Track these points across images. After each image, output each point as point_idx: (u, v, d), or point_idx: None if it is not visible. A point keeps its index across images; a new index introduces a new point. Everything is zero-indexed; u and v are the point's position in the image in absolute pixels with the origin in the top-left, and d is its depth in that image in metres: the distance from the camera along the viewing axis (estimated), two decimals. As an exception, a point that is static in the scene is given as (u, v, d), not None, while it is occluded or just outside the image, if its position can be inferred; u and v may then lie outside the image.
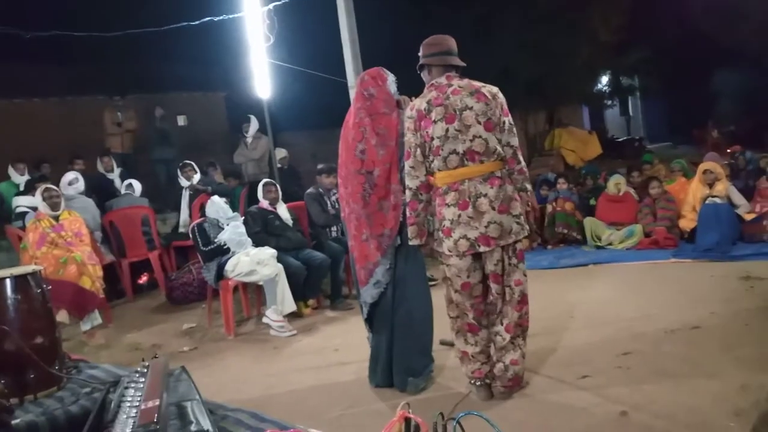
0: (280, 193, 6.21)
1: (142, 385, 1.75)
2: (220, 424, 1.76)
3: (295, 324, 5.38)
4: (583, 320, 4.66)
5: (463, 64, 3.42)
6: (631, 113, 24.65)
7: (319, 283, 5.95)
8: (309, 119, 13.19)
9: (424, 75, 3.49)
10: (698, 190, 6.93)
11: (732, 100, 17.39)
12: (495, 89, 3.36)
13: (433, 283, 5.29)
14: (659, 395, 3.23)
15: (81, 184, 7.24)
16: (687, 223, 6.89)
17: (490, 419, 1.45)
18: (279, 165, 8.82)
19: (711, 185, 6.83)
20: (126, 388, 1.79)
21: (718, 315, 4.37)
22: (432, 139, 3.31)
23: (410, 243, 3.48)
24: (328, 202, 6.19)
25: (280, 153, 9.36)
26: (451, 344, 3.77)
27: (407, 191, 3.43)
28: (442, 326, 3.74)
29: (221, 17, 7.84)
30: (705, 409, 3.00)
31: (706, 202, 6.67)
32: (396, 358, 3.65)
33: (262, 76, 7.68)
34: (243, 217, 5.95)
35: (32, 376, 2.18)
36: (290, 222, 6.10)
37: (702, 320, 4.27)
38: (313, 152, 11.91)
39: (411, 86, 3.84)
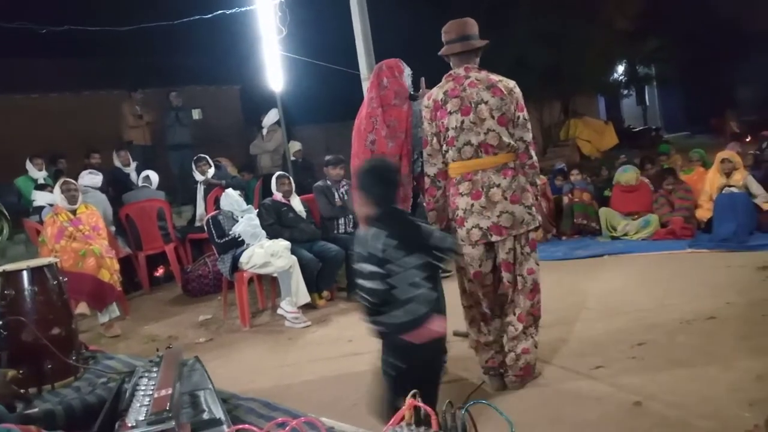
0: (293, 185, 6.24)
1: (155, 375, 1.78)
2: (232, 412, 1.79)
3: (310, 315, 5.41)
4: (597, 311, 4.64)
5: (481, 43, 3.40)
6: (647, 102, 24.39)
7: (333, 275, 5.97)
8: (322, 112, 13.21)
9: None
10: (715, 179, 6.85)
11: (751, 88, 17.13)
12: (512, 84, 3.36)
13: (446, 274, 5.29)
14: (673, 385, 3.21)
15: (99, 179, 7.32)
16: (703, 213, 6.82)
17: (497, 407, 1.45)
18: (293, 158, 8.85)
19: (728, 174, 6.74)
20: (140, 377, 1.82)
21: (734, 305, 4.33)
22: (447, 129, 3.32)
23: None
24: (336, 194, 6.20)
25: (294, 146, 9.39)
26: (464, 335, 3.78)
27: (426, 178, 3.46)
28: (457, 317, 3.74)
29: (233, 10, 7.86)
30: (720, 400, 2.99)
31: (723, 191, 6.59)
32: (409, 349, 3.66)
33: (275, 68, 7.68)
34: (257, 210, 5.99)
35: (50, 366, 2.22)
36: (303, 214, 6.13)
37: (718, 310, 4.24)
38: (327, 145, 11.92)
39: (426, 77, 3.83)
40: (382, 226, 2.44)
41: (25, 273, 2.27)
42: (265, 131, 9.50)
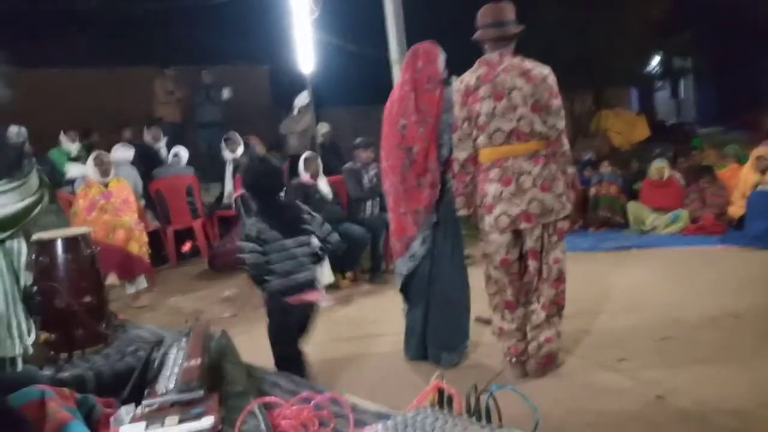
0: (321, 167, 6.26)
1: (184, 345, 1.82)
2: (258, 385, 1.82)
3: (333, 295, 5.43)
4: (623, 303, 4.60)
5: (517, 29, 3.36)
6: (682, 96, 23.90)
7: (357, 257, 6.00)
8: (351, 95, 13.18)
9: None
10: (749, 176, 6.72)
11: (790, 83, 16.66)
12: (546, 71, 3.31)
13: (469, 260, 5.29)
14: (697, 381, 3.19)
15: (131, 153, 7.43)
16: (736, 209, 6.71)
17: (523, 393, 1.46)
18: (321, 140, 8.86)
19: (763, 172, 6.61)
20: (170, 347, 1.86)
21: (761, 304, 4.26)
22: (478, 115, 3.30)
23: (458, 213, 3.52)
24: (365, 177, 6.21)
25: (323, 128, 9.39)
26: (487, 321, 3.78)
27: (455, 163, 3.45)
28: (480, 303, 3.75)
29: (267, -11, 7.85)
30: (742, 397, 2.96)
31: (757, 188, 6.47)
32: (431, 333, 3.69)
33: (306, 50, 7.67)
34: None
35: (81, 332, 2.28)
36: (330, 196, 6.15)
37: (744, 308, 4.18)
38: (355, 128, 11.90)
39: (457, 62, 3.81)
40: (259, 215, 3.08)
41: (59, 242, 2.32)
42: (296, 111, 9.51)
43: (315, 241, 3.18)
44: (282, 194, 3.28)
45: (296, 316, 3.16)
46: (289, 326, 3.17)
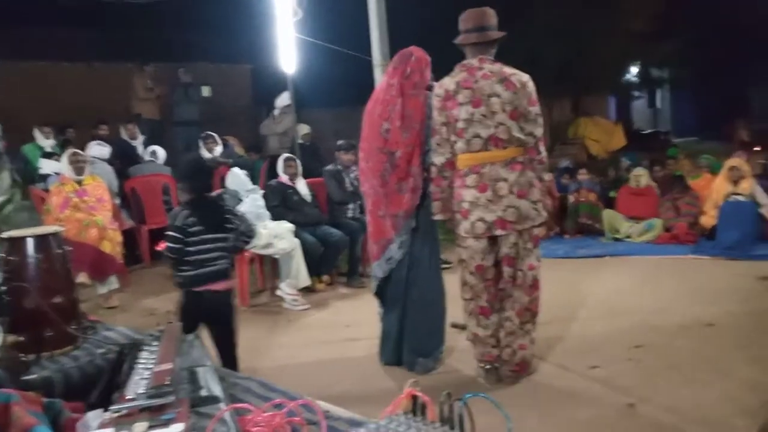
0: (300, 168, 6.23)
1: (156, 349, 1.79)
2: (229, 391, 1.79)
3: (309, 298, 5.43)
4: (597, 311, 4.65)
5: (498, 35, 3.37)
6: (659, 106, 24.24)
7: (334, 260, 5.98)
8: (333, 96, 13.13)
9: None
10: (722, 186, 6.83)
11: (765, 96, 16.99)
12: (525, 78, 3.33)
13: (446, 266, 5.30)
14: (668, 390, 3.23)
15: (107, 150, 7.33)
16: (708, 219, 6.81)
17: (496, 401, 1.46)
18: (301, 141, 8.81)
19: (736, 182, 6.73)
20: (140, 350, 1.82)
21: (733, 313, 4.33)
22: (456, 120, 3.31)
23: (434, 218, 3.52)
24: (347, 179, 6.19)
25: (303, 129, 9.34)
26: (462, 327, 3.79)
27: (432, 168, 3.45)
28: (456, 309, 3.75)
29: (250, -11, 7.81)
30: (713, 406, 3.01)
31: (729, 199, 6.58)
32: (406, 338, 3.69)
33: (288, 50, 7.64)
34: (262, 191, 5.99)
35: (50, 334, 2.22)
36: (308, 198, 6.12)
37: (717, 318, 4.24)
38: (336, 130, 11.87)
39: (440, 66, 3.81)
40: (188, 208, 3.29)
41: (30, 240, 2.26)
42: (276, 112, 9.46)
43: (231, 236, 3.41)
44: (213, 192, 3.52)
45: (207, 305, 3.32)
46: (196, 314, 3.30)
